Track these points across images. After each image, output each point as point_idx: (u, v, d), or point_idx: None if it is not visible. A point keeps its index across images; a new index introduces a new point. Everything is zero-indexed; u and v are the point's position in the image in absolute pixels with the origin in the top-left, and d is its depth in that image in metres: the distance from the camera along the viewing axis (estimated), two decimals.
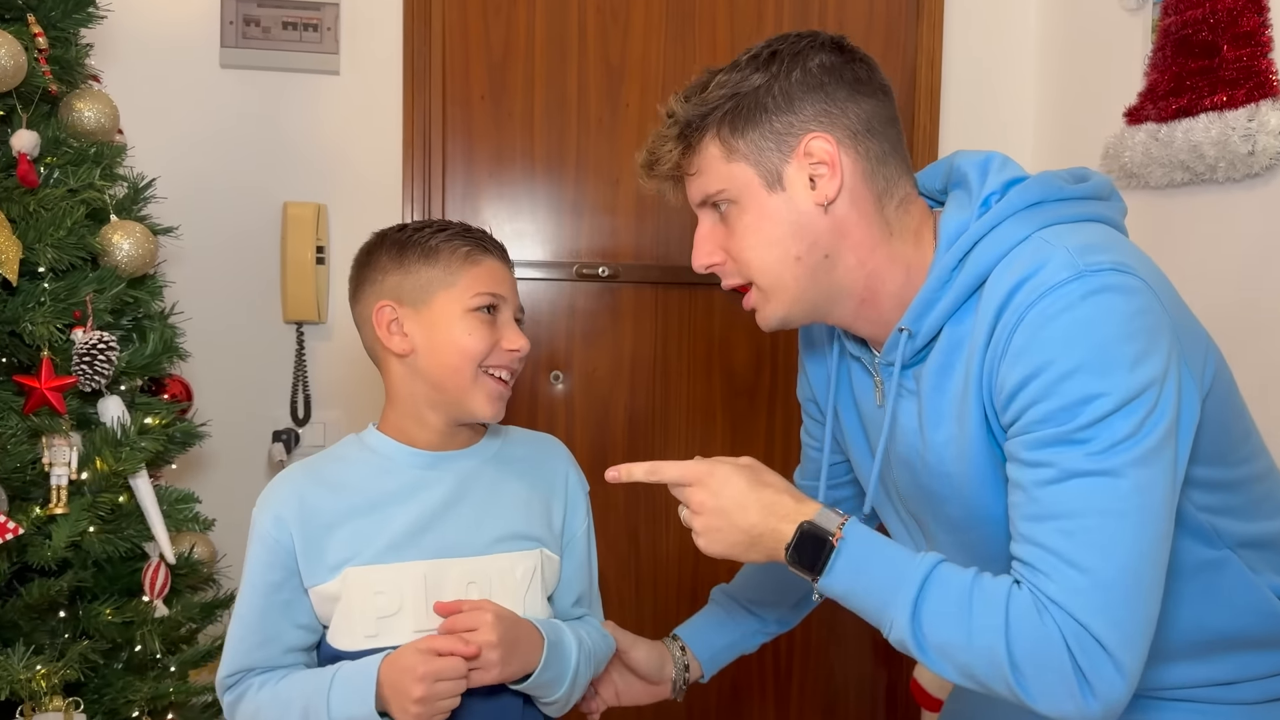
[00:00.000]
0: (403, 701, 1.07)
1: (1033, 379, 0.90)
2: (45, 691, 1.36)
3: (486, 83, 2.14)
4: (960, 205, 1.03)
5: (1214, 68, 1.67)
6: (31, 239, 1.41)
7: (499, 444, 1.25)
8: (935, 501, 1.06)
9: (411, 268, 1.16)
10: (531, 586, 1.19)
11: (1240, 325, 1.65)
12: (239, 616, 1.15)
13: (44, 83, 1.48)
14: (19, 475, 1.41)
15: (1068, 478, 0.89)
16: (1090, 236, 0.95)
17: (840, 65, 1.02)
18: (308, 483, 1.17)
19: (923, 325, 1.01)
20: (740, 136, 1.01)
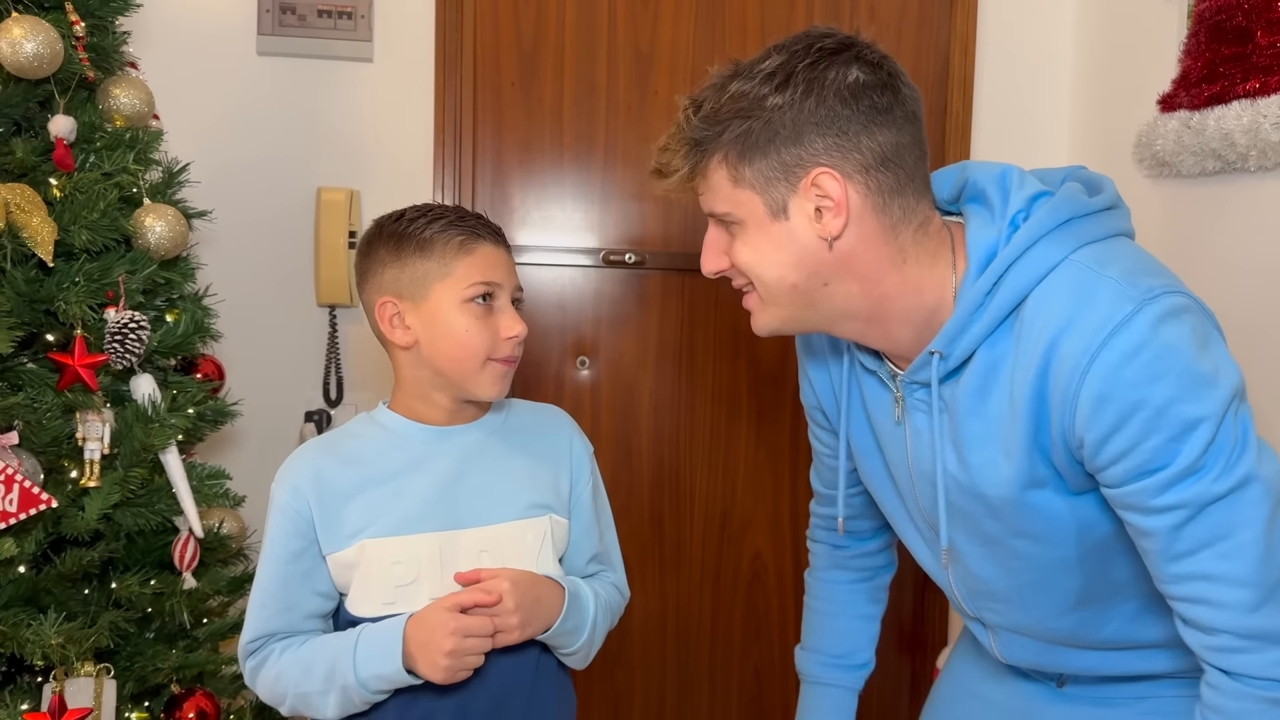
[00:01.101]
0: (432, 656, 1.11)
1: (1128, 421, 0.90)
2: (76, 657, 1.41)
3: (517, 70, 2.16)
4: (985, 224, 1.01)
5: (1247, 54, 1.64)
6: (66, 221, 1.46)
7: (503, 416, 1.29)
8: (970, 518, 1.07)
9: (408, 261, 1.19)
10: (543, 551, 1.24)
11: (1271, 316, 1.63)
12: (260, 585, 1.20)
13: (81, 69, 1.53)
14: (54, 449, 1.46)
15: (1203, 508, 0.90)
16: (1126, 258, 0.95)
17: (860, 90, 0.97)
18: (323, 457, 1.21)
19: (956, 349, 1.00)
20: (748, 165, 0.99)
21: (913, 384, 1.06)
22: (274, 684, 1.19)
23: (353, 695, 1.15)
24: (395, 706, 1.18)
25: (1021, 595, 1.09)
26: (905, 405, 1.08)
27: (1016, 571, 1.07)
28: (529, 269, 2.19)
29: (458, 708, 1.18)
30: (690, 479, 2.27)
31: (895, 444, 1.12)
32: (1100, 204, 1.01)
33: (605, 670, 2.27)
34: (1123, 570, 1.05)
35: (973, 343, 0.99)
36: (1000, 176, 1.03)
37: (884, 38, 2.23)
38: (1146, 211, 1.96)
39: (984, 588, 1.12)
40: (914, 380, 1.05)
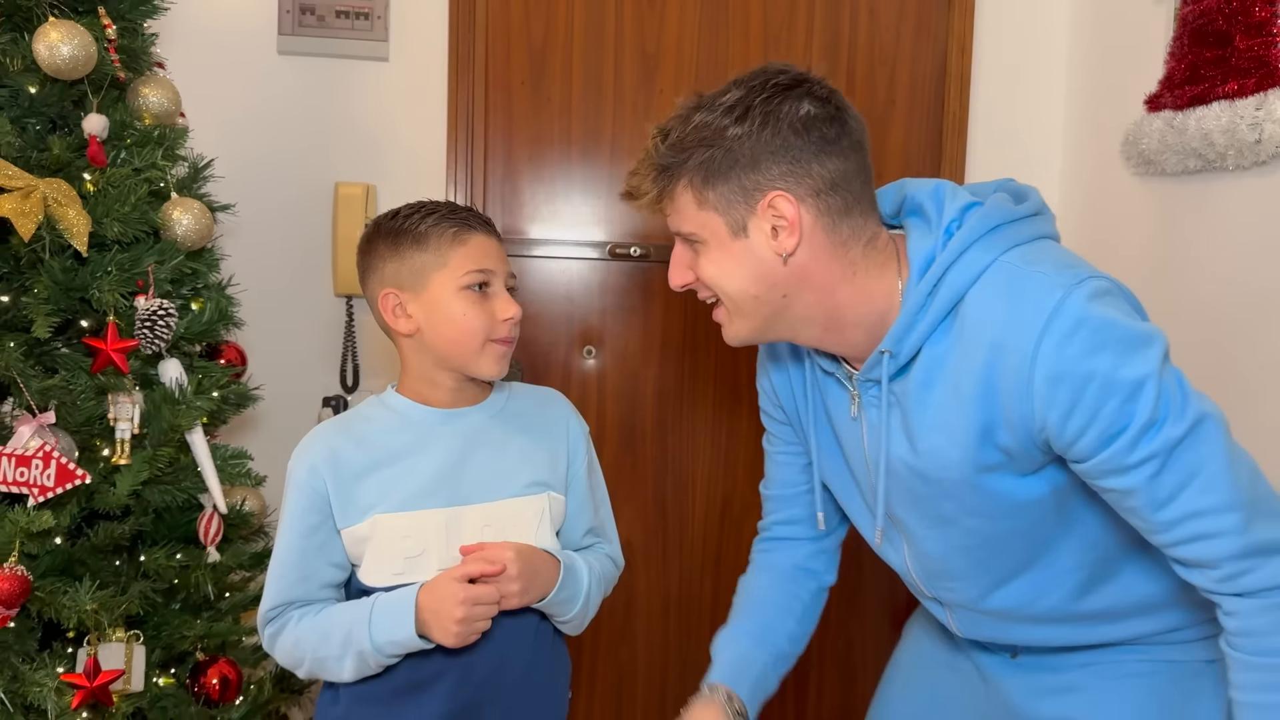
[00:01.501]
0: (444, 623, 1.21)
1: (1083, 394, 0.99)
2: (109, 623, 1.50)
3: (527, 69, 2.24)
4: (924, 234, 1.12)
5: (1226, 57, 1.70)
6: (100, 214, 1.55)
7: (504, 399, 1.38)
8: (924, 501, 1.16)
9: (406, 254, 1.28)
10: (541, 526, 1.33)
11: (1247, 311, 1.69)
12: (279, 557, 1.29)
13: (113, 70, 1.61)
14: (87, 429, 1.55)
15: (1171, 452, 0.99)
16: (1050, 255, 1.06)
17: (811, 123, 1.07)
18: (337, 437, 1.30)
19: (903, 347, 1.10)
20: (711, 189, 1.09)
21: (867, 381, 1.16)
22: (292, 649, 1.28)
23: (368, 659, 1.24)
24: (406, 666, 1.27)
25: (972, 571, 1.19)
26: (861, 402, 1.18)
27: (968, 549, 1.16)
28: (538, 261, 2.27)
29: (463, 668, 1.28)
30: (693, 465, 2.35)
31: (853, 438, 1.22)
32: (1025, 211, 1.12)
33: (610, 649, 2.36)
34: (1062, 542, 1.15)
35: (918, 340, 1.09)
36: (934, 191, 1.14)
37: (883, 37, 2.30)
38: (1134, 208, 2.03)
39: (939, 567, 1.22)
40: (868, 378, 1.15)
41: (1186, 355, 1.84)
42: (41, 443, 1.45)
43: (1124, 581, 1.17)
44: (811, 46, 2.29)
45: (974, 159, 2.33)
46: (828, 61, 2.29)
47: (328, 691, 1.35)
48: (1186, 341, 1.84)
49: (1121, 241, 2.07)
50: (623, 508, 2.34)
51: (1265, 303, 1.65)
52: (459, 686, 1.28)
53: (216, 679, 1.65)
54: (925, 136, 2.34)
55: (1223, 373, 1.74)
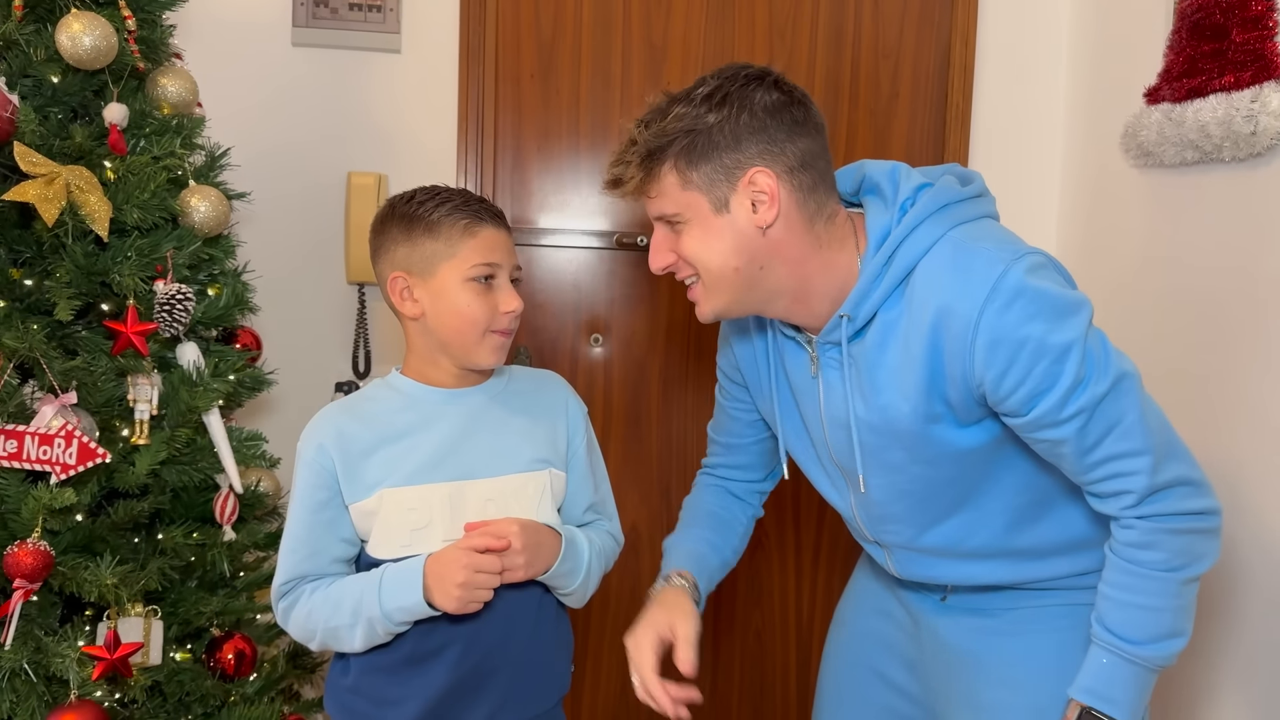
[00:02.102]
0: (446, 587, 1.25)
1: (1017, 356, 1.13)
2: (128, 599, 1.55)
3: (536, 62, 2.28)
4: (880, 211, 1.24)
5: (1224, 50, 1.73)
6: (120, 200, 1.59)
7: (505, 381, 1.43)
8: (875, 452, 1.28)
9: (418, 241, 1.31)
10: (543, 502, 1.37)
11: (1242, 300, 1.72)
12: (290, 533, 1.34)
13: (132, 61, 1.66)
14: (108, 409, 1.60)
15: (1096, 407, 1.14)
16: (992, 233, 1.20)
17: (781, 107, 1.19)
18: (343, 417, 1.35)
19: (859, 311, 1.22)
20: (694, 169, 1.19)
21: (826, 344, 1.28)
22: (305, 621, 1.33)
23: (377, 626, 1.28)
24: (414, 637, 1.31)
25: (912, 512, 1.32)
26: (820, 363, 1.30)
27: (909, 493, 1.30)
28: (546, 250, 2.31)
29: (469, 638, 1.32)
30: (697, 450, 2.38)
31: (809, 397, 1.34)
32: (970, 192, 1.25)
33: (616, 632, 2.40)
34: (993, 486, 1.29)
35: (873, 306, 1.21)
36: (891, 172, 1.27)
37: (887, 30, 2.33)
38: (1133, 199, 2.06)
39: (883, 511, 1.34)
40: (827, 340, 1.27)
41: (1182, 343, 1.87)
42: (64, 422, 1.49)
43: (1049, 521, 1.31)
44: (816, 39, 2.32)
45: (976, 150, 2.36)
46: (832, 54, 2.32)
47: (338, 663, 1.39)
48: (1182, 330, 1.87)
49: (1121, 232, 2.10)
50: (629, 492, 2.38)
51: (1259, 292, 1.68)
52: (464, 656, 1.32)
53: (232, 654, 1.70)
54: (928, 128, 2.37)
55: (1218, 361, 1.77)
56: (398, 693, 1.33)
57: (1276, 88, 1.62)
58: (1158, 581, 1.19)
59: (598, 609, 2.40)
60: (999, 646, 1.36)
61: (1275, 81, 1.63)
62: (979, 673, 1.36)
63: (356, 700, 1.36)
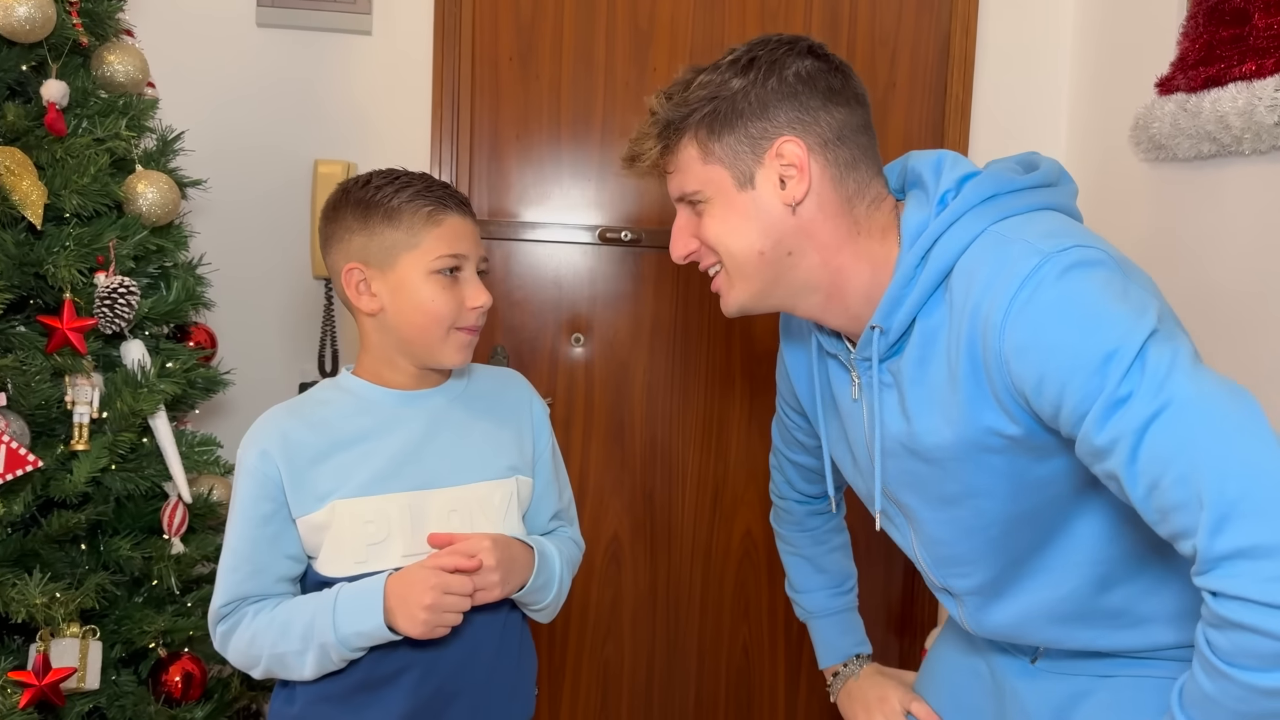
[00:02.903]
0: (411, 610, 1.13)
1: (1049, 364, 0.91)
2: (62, 618, 1.43)
3: (515, 44, 2.16)
4: (919, 204, 1.07)
5: (1244, 36, 1.63)
6: (57, 185, 1.47)
7: (465, 382, 1.31)
8: (928, 482, 1.10)
9: (376, 229, 1.19)
10: (509, 511, 1.27)
11: (1261, 301, 1.62)
12: (231, 549, 1.21)
13: (74, 35, 1.53)
14: (43, 412, 1.47)
15: (1143, 433, 0.86)
16: (1045, 224, 0.99)
17: (816, 74, 1.06)
18: (290, 421, 1.22)
19: (893, 321, 1.05)
20: (716, 140, 1.06)
21: (863, 361, 1.12)
22: (248, 647, 1.20)
23: (331, 653, 1.16)
24: (368, 663, 1.19)
25: (981, 555, 1.12)
26: (860, 383, 1.13)
27: (974, 531, 1.10)
28: (525, 245, 2.19)
29: (429, 661, 1.21)
30: (682, 456, 2.27)
31: (854, 421, 1.17)
32: (1029, 181, 1.06)
33: (595, 644, 2.29)
34: (1076, 530, 1.07)
35: (908, 314, 1.04)
36: (935, 161, 1.10)
37: (885, 16, 2.22)
38: (1143, 194, 1.96)
39: (947, 552, 1.15)
40: (862, 357, 1.11)
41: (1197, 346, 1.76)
42: None
43: (1146, 582, 1.09)
44: (810, 25, 2.21)
45: (977, 143, 2.25)
46: (826, 40, 2.20)
47: (282, 691, 1.27)
48: (1196, 331, 1.77)
49: (1130, 228, 2.00)
50: (610, 500, 2.26)
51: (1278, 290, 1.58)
52: (423, 682, 1.21)
53: (179, 676, 1.58)
54: (927, 120, 2.26)
55: (1236, 368, 1.67)
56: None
57: None
58: (1219, 676, 0.86)
59: (576, 622, 2.28)
60: (1091, 714, 1.16)
61: None
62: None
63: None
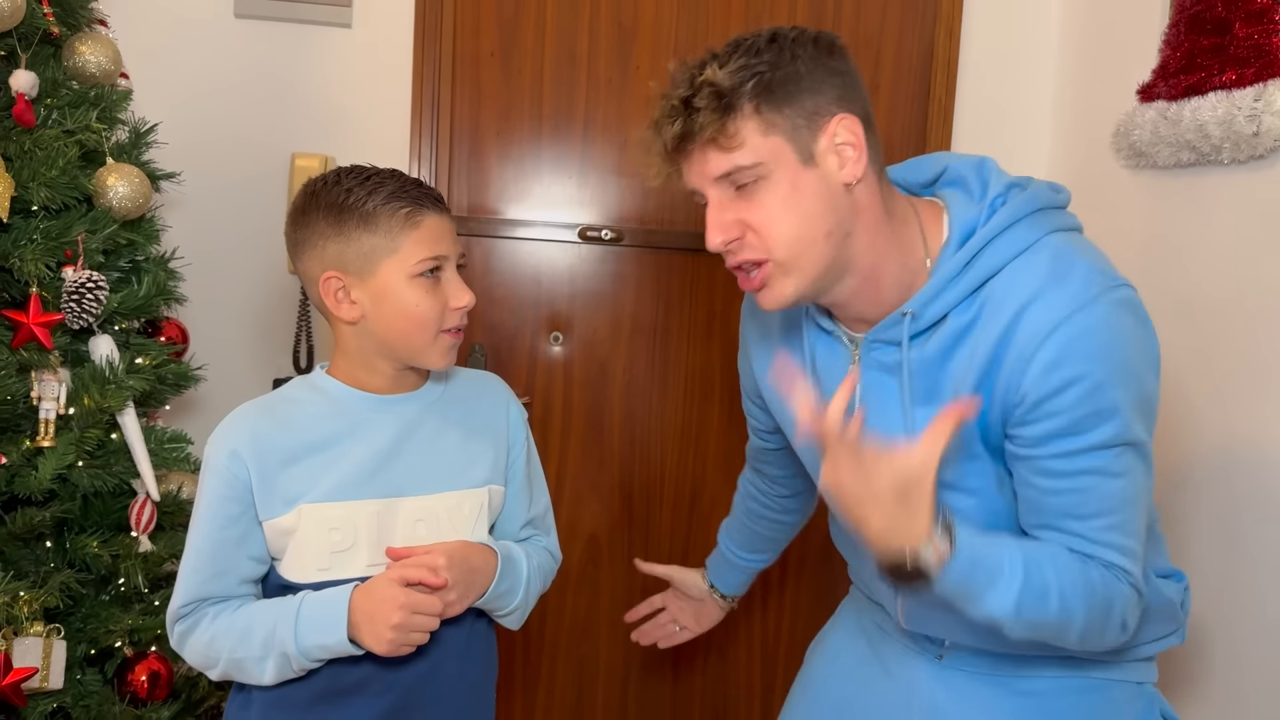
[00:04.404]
0: (378, 628, 1.12)
1: (1069, 388, 1.00)
2: (25, 617, 1.41)
3: (497, 39, 2.14)
4: (967, 204, 1.10)
5: (1225, 45, 1.62)
6: (25, 177, 1.45)
7: (443, 387, 1.29)
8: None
9: (352, 235, 1.15)
10: (479, 523, 1.25)
11: (1239, 310, 1.62)
12: (194, 549, 1.19)
13: (44, 24, 1.51)
14: (8, 408, 1.45)
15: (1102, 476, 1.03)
16: (1093, 249, 1.07)
17: (844, 55, 1.07)
18: (261, 420, 1.20)
19: (928, 311, 1.07)
20: (777, 112, 1.02)
21: (879, 342, 1.11)
22: (206, 648, 1.18)
23: (292, 662, 1.15)
24: (328, 672, 1.18)
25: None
26: (863, 364, 1.14)
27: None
28: (504, 242, 2.18)
29: (391, 675, 1.19)
30: (661, 457, 2.27)
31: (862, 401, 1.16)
32: (1062, 201, 1.13)
33: (572, 644, 2.28)
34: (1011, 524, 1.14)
35: (943, 307, 1.06)
36: (979, 165, 1.14)
37: (868, 17, 2.21)
38: (1123, 202, 1.96)
39: None
40: (881, 339, 1.11)
41: (1175, 356, 1.77)
42: None
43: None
44: (794, 23, 2.20)
45: (959, 147, 2.24)
46: None
47: (238, 696, 1.25)
48: (1175, 340, 1.77)
49: (1110, 236, 1.99)
50: (589, 499, 2.25)
51: (1259, 301, 1.58)
52: (385, 693, 1.19)
53: (145, 676, 1.56)
54: (910, 123, 2.25)
55: (1213, 376, 1.67)
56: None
57: None
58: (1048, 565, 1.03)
59: (552, 622, 2.27)
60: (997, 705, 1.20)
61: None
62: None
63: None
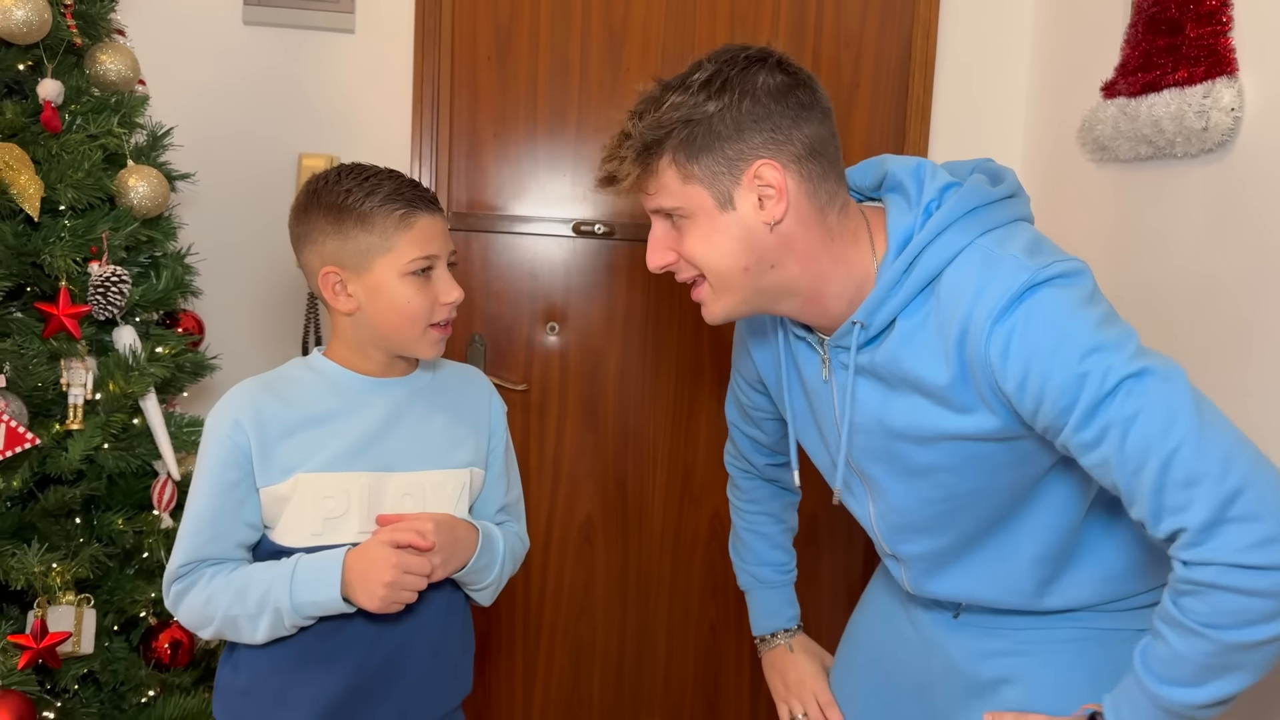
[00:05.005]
0: (371, 586, 1.21)
1: (1031, 368, 1.03)
2: (59, 587, 1.51)
3: (493, 44, 2.25)
4: (903, 211, 1.15)
5: (1178, 45, 1.72)
6: (53, 179, 1.55)
7: (430, 375, 1.39)
8: (897, 456, 1.20)
9: (350, 234, 1.25)
10: (460, 501, 1.35)
11: (1196, 297, 1.72)
12: (194, 513, 1.27)
13: (68, 36, 1.61)
14: (40, 394, 1.56)
15: (1130, 423, 0.99)
16: (1023, 239, 1.11)
17: (786, 89, 1.11)
18: (262, 394, 1.30)
19: (875, 319, 1.14)
20: (695, 162, 1.11)
21: (837, 347, 1.20)
22: (203, 607, 1.26)
23: (284, 618, 1.23)
24: (314, 635, 1.27)
25: (935, 525, 1.24)
26: (831, 366, 1.22)
27: (935, 501, 1.21)
28: (502, 238, 2.28)
29: (374, 638, 1.28)
30: (653, 442, 2.37)
31: (823, 400, 1.26)
32: (1001, 193, 1.16)
33: (568, 623, 2.38)
34: (1026, 513, 1.20)
35: (890, 314, 1.13)
36: (915, 169, 1.18)
37: (849, 19, 2.31)
38: (1090, 193, 2.06)
39: (904, 520, 1.26)
40: (838, 345, 1.19)
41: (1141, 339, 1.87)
42: None
43: (1077, 556, 1.23)
44: (778, 27, 2.30)
45: (936, 143, 2.34)
46: (793, 43, 2.30)
47: (228, 661, 1.33)
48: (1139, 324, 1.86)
49: (1079, 226, 2.10)
50: (584, 484, 2.36)
51: (1212, 289, 1.68)
52: (368, 658, 1.28)
53: (168, 643, 1.67)
54: (889, 120, 2.35)
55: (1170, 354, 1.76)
56: (293, 694, 1.28)
57: (1228, 83, 1.61)
58: (1194, 636, 1.00)
59: (550, 602, 2.38)
60: (1013, 668, 1.28)
61: (1227, 77, 1.62)
62: (987, 699, 1.29)
63: (247, 705, 1.30)
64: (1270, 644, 0.99)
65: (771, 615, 1.58)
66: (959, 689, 1.33)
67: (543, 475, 2.34)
